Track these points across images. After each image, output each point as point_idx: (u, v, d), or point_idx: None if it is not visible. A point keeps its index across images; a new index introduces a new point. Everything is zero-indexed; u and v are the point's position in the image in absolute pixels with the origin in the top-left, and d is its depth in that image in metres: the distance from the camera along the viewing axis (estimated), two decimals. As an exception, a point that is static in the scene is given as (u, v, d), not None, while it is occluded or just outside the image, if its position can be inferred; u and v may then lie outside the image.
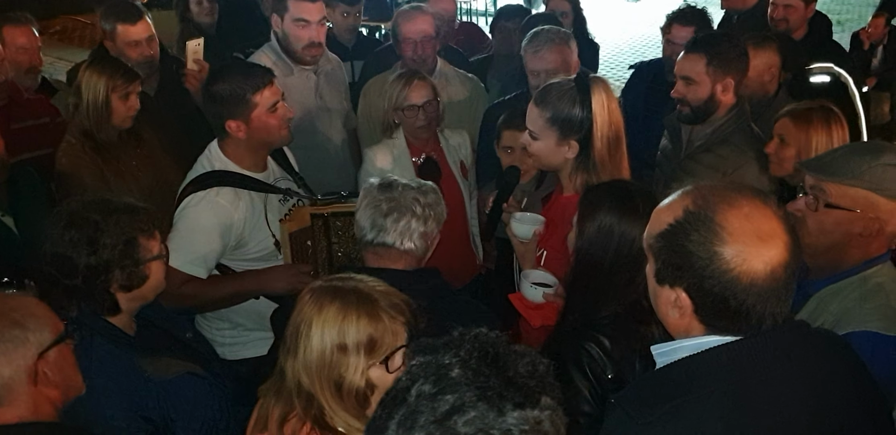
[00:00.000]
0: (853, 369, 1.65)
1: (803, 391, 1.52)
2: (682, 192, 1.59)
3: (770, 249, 1.50)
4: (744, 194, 1.56)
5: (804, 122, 3.04)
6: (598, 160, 2.64)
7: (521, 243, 2.78)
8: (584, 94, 2.61)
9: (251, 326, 3.07)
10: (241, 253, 3.02)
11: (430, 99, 3.54)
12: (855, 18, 13.22)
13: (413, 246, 2.36)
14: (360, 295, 1.87)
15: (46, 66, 6.85)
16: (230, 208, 2.92)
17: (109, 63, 3.60)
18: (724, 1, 5.59)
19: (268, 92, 2.92)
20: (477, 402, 1.09)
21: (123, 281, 2.22)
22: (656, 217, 1.61)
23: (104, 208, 2.22)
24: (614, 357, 2.14)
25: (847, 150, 2.25)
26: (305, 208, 3.04)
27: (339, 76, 4.23)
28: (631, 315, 2.18)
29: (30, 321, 1.85)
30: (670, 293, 1.57)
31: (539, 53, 3.54)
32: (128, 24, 3.99)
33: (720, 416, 1.47)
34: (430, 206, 2.39)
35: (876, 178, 2.11)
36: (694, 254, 1.51)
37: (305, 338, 1.85)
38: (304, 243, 2.99)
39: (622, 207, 2.24)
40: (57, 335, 1.88)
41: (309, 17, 3.83)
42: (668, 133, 3.66)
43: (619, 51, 12.17)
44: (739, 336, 1.53)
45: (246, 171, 3.01)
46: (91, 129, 3.51)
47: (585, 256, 2.28)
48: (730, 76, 3.31)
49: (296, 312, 1.89)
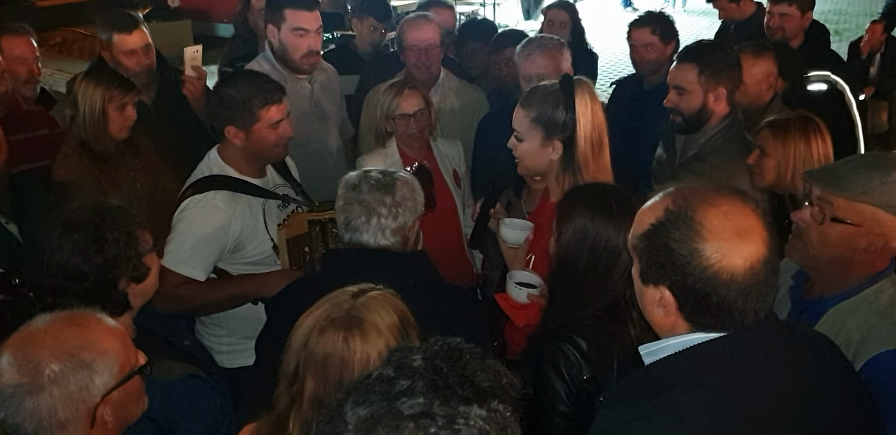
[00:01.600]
0: (836, 365, 1.68)
1: (788, 385, 1.55)
2: (664, 194, 1.63)
3: (749, 246, 1.53)
4: (722, 193, 1.60)
5: (782, 132, 3.04)
6: (582, 161, 2.68)
7: (510, 249, 2.81)
8: (568, 95, 2.67)
9: (249, 332, 3.04)
10: (238, 256, 3.03)
11: (421, 108, 3.56)
12: (853, 28, 13.26)
13: (388, 242, 2.43)
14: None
15: (46, 77, 6.89)
16: (228, 212, 2.94)
17: (105, 74, 3.61)
18: (721, 11, 5.63)
19: (275, 109, 2.97)
20: (427, 390, 1.15)
21: (131, 273, 2.24)
22: (639, 218, 1.64)
23: (96, 209, 2.26)
24: (590, 358, 2.18)
25: (857, 163, 2.23)
26: (303, 214, 3.06)
27: (334, 85, 4.25)
28: (609, 317, 2.21)
29: (99, 362, 1.74)
30: (655, 292, 1.60)
31: (531, 57, 3.58)
32: (124, 33, 4.00)
33: (705, 409, 1.49)
34: (399, 203, 2.43)
35: (886, 196, 2.10)
36: (675, 251, 1.54)
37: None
38: (301, 249, 3.02)
39: (595, 208, 2.28)
40: (127, 372, 1.80)
41: (308, 26, 3.86)
42: (663, 142, 3.68)
43: (618, 61, 12.20)
44: (723, 332, 1.56)
45: (244, 177, 3.04)
46: (88, 140, 3.51)
47: (562, 258, 2.32)
48: (722, 86, 3.32)
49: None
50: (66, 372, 1.69)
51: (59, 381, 1.69)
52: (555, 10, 5.38)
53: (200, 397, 2.25)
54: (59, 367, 1.69)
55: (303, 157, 3.78)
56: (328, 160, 4.11)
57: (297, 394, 1.83)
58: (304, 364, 1.83)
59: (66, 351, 1.71)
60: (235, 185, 3.00)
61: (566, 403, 2.16)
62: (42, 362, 1.68)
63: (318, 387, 1.81)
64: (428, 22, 4.23)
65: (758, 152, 3.10)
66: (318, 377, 1.81)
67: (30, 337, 1.74)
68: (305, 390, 1.82)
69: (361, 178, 2.47)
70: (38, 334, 1.74)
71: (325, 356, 1.80)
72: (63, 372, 1.69)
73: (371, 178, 2.47)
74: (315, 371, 1.81)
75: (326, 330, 1.81)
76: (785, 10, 4.80)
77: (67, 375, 1.70)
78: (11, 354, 1.71)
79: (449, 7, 5.14)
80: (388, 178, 2.47)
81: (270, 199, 3.10)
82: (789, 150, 2.99)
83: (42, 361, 1.69)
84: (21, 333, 1.76)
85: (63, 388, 1.69)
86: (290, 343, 1.86)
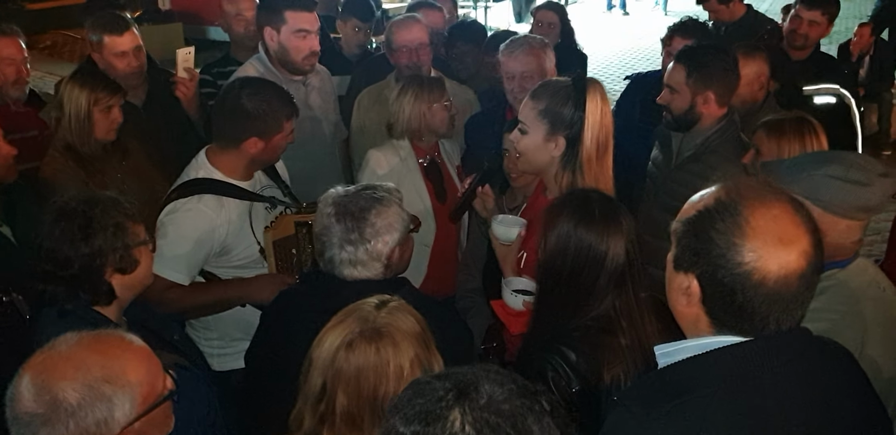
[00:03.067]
0: (855, 378, 1.65)
1: (806, 396, 1.52)
2: (720, 185, 1.61)
3: (788, 254, 1.50)
4: (779, 197, 1.57)
5: (777, 132, 3.04)
6: (585, 160, 2.65)
7: (502, 246, 2.79)
8: (580, 92, 2.65)
9: (238, 335, 3.06)
10: (225, 260, 3.02)
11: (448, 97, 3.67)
12: (842, 31, 13.28)
13: (362, 275, 2.36)
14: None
15: (36, 80, 6.85)
16: (213, 215, 2.93)
17: (91, 76, 3.58)
18: (711, 12, 5.62)
19: (293, 121, 3.04)
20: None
21: (117, 264, 2.27)
22: (688, 206, 1.63)
23: (89, 200, 2.30)
24: (579, 370, 2.15)
25: (805, 156, 2.28)
26: (290, 216, 3.05)
27: (328, 87, 4.24)
28: (599, 326, 2.19)
29: (120, 395, 1.67)
30: (684, 280, 1.59)
31: (514, 55, 3.59)
32: (115, 35, 3.98)
33: (723, 416, 1.47)
34: (372, 235, 2.33)
35: (812, 188, 2.13)
36: (714, 241, 1.52)
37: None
38: (288, 251, 3.00)
39: (578, 214, 2.26)
40: (152, 402, 1.73)
41: (309, 27, 3.86)
42: (659, 143, 3.67)
43: (607, 63, 12.23)
44: (742, 337, 1.54)
45: (230, 180, 3.03)
46: (74, 143, 3.48)
47: (548, 267, 2.29)
48: (711, 90, 3.31)
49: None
50: (83, 406, 1.63)
51: (76, 414, 1.63)
52: (543, 11, 5.39)
53: (187, 387, 2.19)
54: (78, 400, 1.63)
55: (298, 160, 3.77)
56: (323, 162, 4.09)
57: (328, 411, 1.82)
58: (332, 380, 1.81)
59: (87, 383, 1.65)
60: (221, 189, 2.99)
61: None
62: (60, 394, 1.62)
63: (350, 402, 1.80)
64: (416, 22, 4.26)
65: (753, 152, 3.11)
66: (351, 392, 1.80)
67: (51, 362, 1.67)
68: (337, 407, 1.81)
69: (334, 205, 2.36)
70: (59, 360, 1.67)
71: (357, 370, 1.79)
72: (81, 406, 1.63)
73: (343, 206, 2.35)
74: (347, 386, 1.80)
75: (356, 343, 1.81)
76: (817, 18, 4.73)
77: (85, 409, 1.63)
78: (31, 379, 1.64)
79: (438, 8, 5.14)
80: (360, 206, 2.34)
81: (257, 202, 3.08)
82: (784, 151, 2.99)
83: (60, 392, 1.63)
84: (43, 355, 1.69)
85: (80, 421, 1.63)
86: (312, 361, 1.84)
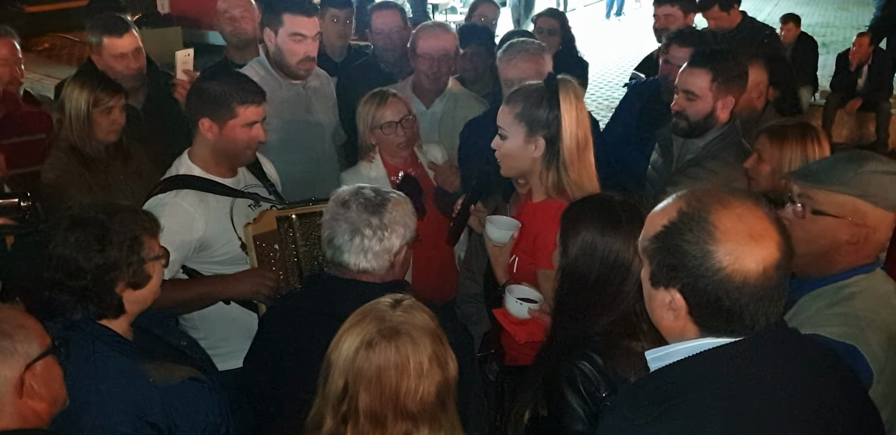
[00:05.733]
0: (841, 373, 1.67)
1: (798, 392, 1.53)
2: (676, 196, 1.62)
3: (762, 249, 1.51)
4: (736, 196, 1.58)
5: (779, 138, 3.05)
6: (567, 158, 2.67)
7: (495, 247, 2.78)
8: (553, 92, 2.67)
9: (223, 334, 3.05)
10: (206, 256, 3.00)
11: (405, 114, 3.54)
12: (840, 41, 13.37)
13: (369, 265, 2.36)
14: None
15: (34, 82, 6.84)
16: (191, 211, 2.92)
17: (92, 77, 3.59)
18: (712, 20, 5.64)
19: (252, 110, 2.95)
20: None
21: (130, 278, 2.21)
22: (651, 221, 1.63)
23: (108, 208, 2.24)
24: (607, 374, 2.12)
25: (833, 159, 2.28)
26: (272, 211, 3.02)
27: (327, 91, 4.21)
28: (620, 330, 2.16)
29: (18, 333, 1.84)
30: (665, 295, 1.58)
31: (513, 62, 3.56)
32: (114, 36, 3.98)
33: (718, 416, 1.47)
34: (387, 226, 2.36)
35: (863, 185, 2.13)
36: (688, 253, 1.52)
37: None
38: (271, 247, 2.97)
39: (603, 221, 2.23)
40: (44, 348, 1.88)
41: (305, 32, 3.82)
42: (660, 147, 3.65)
43: (607, 70, 12.24)
44: (733, 337, 1.54)
45: (211, 176, 3.02)
46: (76, 144, 3.50)
47: (571, 273, 2.26)
48: (731, 94, 3.31)
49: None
50: None
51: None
52: (544, 18, 5.40)
53: (199, 400, 2.25)
54: None
55: (296, 163, 3.77)
56: (322, 166, 4.07)
57: (351, 411, 1.84)
58: (354, 380, 1.83)
59: None
60: (200, 184, 2.98)
61: (584, 421, 2.09)
62: None
63: (373, 401, 1.82)
64: (445, 32, 4.19)
65: (755, 156, 3.11)
66: (373, 391, 1.82)
67: None
68: (360, 406, 1.83)
69: (352, 195, 2.40)
70: None
71: (379, 369, 1.82)
72: None
73: (362, 195, 2.39)
74: (369, 385, 1.82)
75: (376, 343, 1.83)
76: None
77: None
78: None
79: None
80: (380, 199, 2.39)
81: (240, 199, 3.06)
82: (785, 156, 2.99)
83: None
84: None
85: None
86: (331, 362, 1.86)
